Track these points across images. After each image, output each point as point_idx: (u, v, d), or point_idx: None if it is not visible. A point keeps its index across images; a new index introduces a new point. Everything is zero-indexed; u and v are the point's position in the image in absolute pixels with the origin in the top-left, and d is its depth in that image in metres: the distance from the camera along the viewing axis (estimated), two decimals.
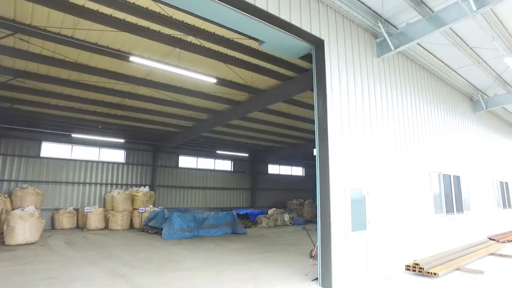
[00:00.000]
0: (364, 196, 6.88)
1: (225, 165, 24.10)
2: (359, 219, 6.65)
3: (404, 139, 8.54)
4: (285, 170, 28.01)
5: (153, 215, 14.85)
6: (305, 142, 20.67)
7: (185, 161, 21.95)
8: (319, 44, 6.78)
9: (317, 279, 6.25)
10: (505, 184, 14.44)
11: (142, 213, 15.92)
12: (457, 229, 10.17)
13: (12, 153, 15.53)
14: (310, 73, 8.95)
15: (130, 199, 16.85)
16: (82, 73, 9.48)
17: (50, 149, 16.76)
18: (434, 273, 6.70)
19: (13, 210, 12.15)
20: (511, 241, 11.62)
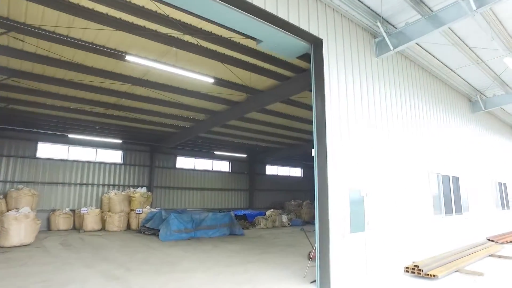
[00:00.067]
0: (363, 197, 6.81)
1: (223, 166, 24.00)
2: (358, 220, 6.58)
3: (403, 140, 8.48)
4: (283, 171, 27.95)
5: (150, 216, 14.73)
6: (303, 143, 20.62)
7: (183, 162, 21.84)
8: (317, 43, 6.71)
9: (315, 281, 6.18)
10: (504, 185, 14.41)
11: (139, 214, 15.81)
12: (456, 230, 10.12)
13: (7, 153, 15.37)
14: (308, 73, 8.89)
15: (127, 200, 16.71)
16: (78, 72, 9.38)
17: (46, 150, 16.61)
18: (434, 275, 6.64)
19: (8, 211, 12.00)
20: (509, 242, 11.59)
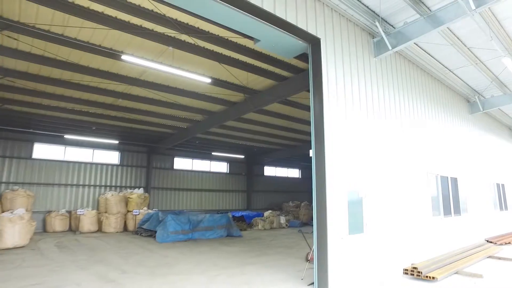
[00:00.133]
0: (361, 198, 6.73)
1: (221, 167, 23.89)
2: (356, 221, 6.50)
3: (401, 141, 8.42)
4: (282, 172, 27.88)
5: (147, 218, 14.59)
6: (301, 144, 20.57)
7: (180, 163, 21.73)
8: (315, 42, 6.64)
9: (313, 283, 6.09)
10: (502, 186, 14.39)
11: (136, 215, 15.66)
12: (454, 231, 10.06)
13: (3, 154, 15.20)
14: (306, 73, 8.83)
15: (124, 201, 16.56)
16: (74, 72, 9.27)
17: (42, 150, 16.45)
18: (433, 277, 6.57)
19: (2, 212, 11.86)
20: (508, 243, 11.55)
